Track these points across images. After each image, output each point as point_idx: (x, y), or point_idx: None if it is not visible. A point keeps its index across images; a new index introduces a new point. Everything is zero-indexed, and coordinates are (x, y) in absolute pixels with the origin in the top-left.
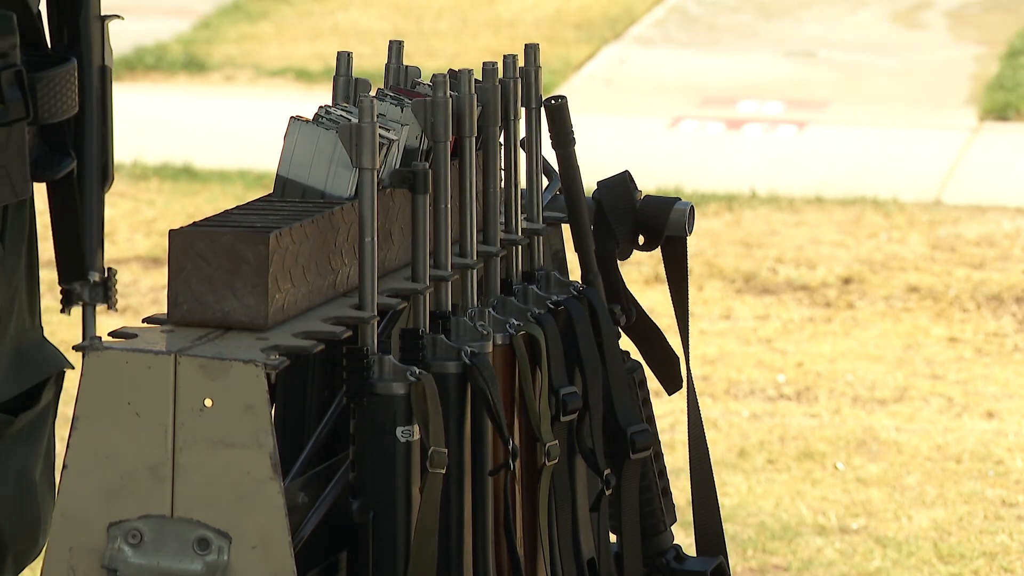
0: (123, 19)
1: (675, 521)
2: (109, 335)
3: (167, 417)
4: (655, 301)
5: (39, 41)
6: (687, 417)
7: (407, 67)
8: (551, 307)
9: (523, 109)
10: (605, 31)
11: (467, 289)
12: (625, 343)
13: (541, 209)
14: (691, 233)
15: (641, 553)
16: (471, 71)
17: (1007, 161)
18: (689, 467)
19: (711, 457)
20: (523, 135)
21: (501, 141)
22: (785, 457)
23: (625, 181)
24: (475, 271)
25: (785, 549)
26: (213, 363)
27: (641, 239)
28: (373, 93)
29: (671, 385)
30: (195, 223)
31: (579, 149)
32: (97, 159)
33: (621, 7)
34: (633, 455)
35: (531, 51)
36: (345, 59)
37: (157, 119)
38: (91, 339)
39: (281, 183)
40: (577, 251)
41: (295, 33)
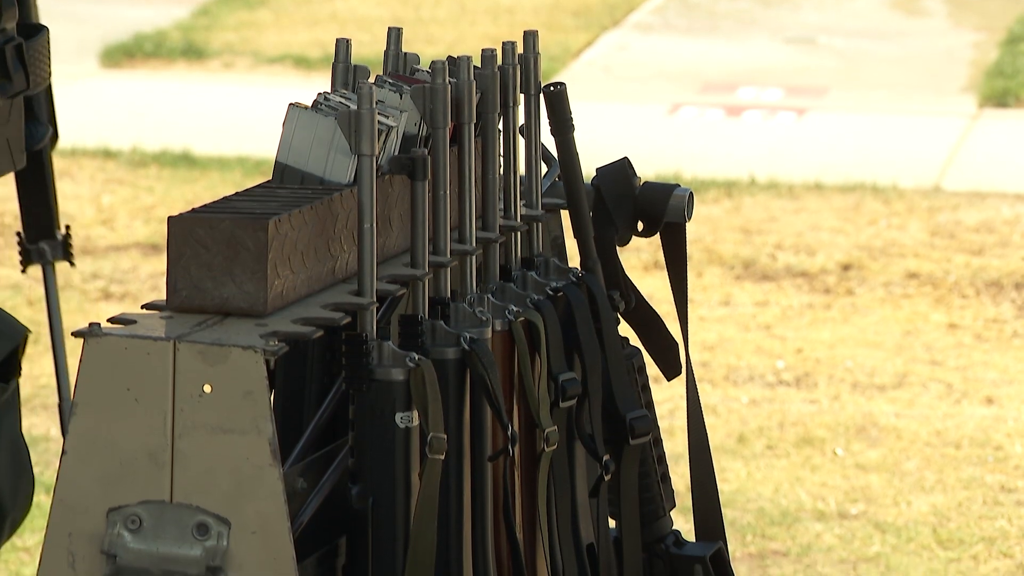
0: None
1: (674, 507)
2: (108, 321)
3: (166, 403)
4: (654, 287)
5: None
6: (686, 403)
7: (406, 54)
8: (550, 293)
9: (522, 96)
10: (604, 18)
11: (466, 275)
12: (624, 329)
13: (540, 195)
14: (690, 219)
15: (640, 538)
16: (470, 58)
17: (1006, 148)
18: (688, 453)
19: (710, 443)
20: (522, 122)
21: (500, 128)
22: (784, 443)
23: (624, 167)
24: (474, 257)
25: (784, 534)
26: (212, 349)
27: (640, 225)
28: (372, 80)
29: (670, 371)
30: (194, 209)
31: (578, 136)
32: (49, 119)
33: None
34: (632, 441)
35: (530, 38)
36: (344, 46)
37: (156, 106)
38: (91, 325)
39: (280, 169)
40: (576, 237)
41: (294, 20)
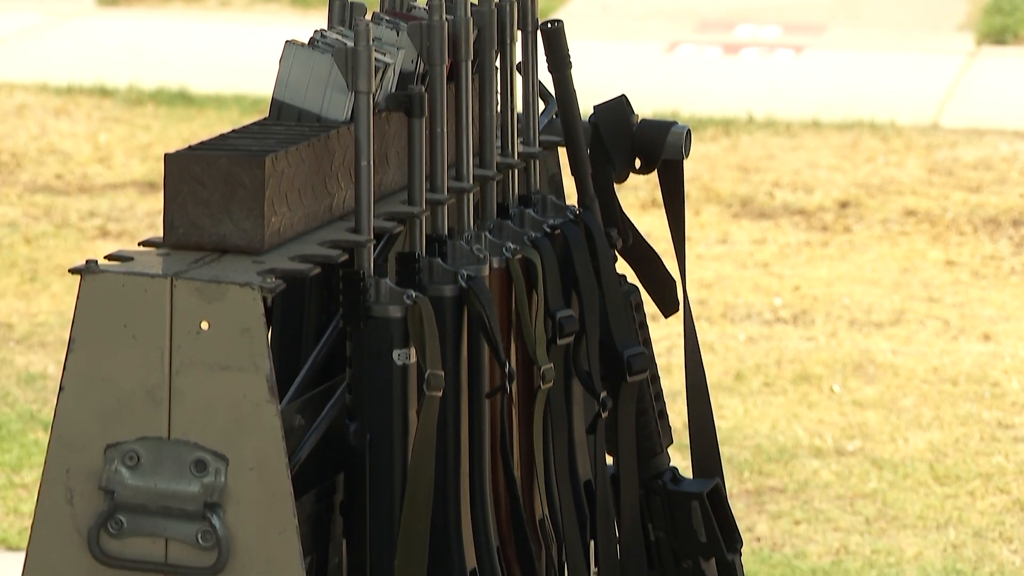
0: None
1: (671, 443)
2: (105, 258)
3: (163, 340)
4: (652, 226)
5: None
6: (683, 341)
7: None
8: (548, 231)
9: (519, 33)
10: None
11: (463, 213)
12: (622, 267)
13: (537, 133)
14: (688, 156)
15: (637, 475)
16: None
17: (1004, 85)
18: (685, 390)
19: (707, 380)
20: (519, 59)
21: (497, 65)
22: (781, 380)
23: (622, 105)
24: (471, 195)
25: (781, 471)
26: (209, 286)
27: (638, 162)
28: (368, 17)
29: (668, 308)
30: (191, 147)
31: (575, 73)
32: None
33: None
34: (630, 378)
35: None
36: None
37: (153, 44)
38: (88, 262)
39: (277, 107)
40: (574, 175)
41: None
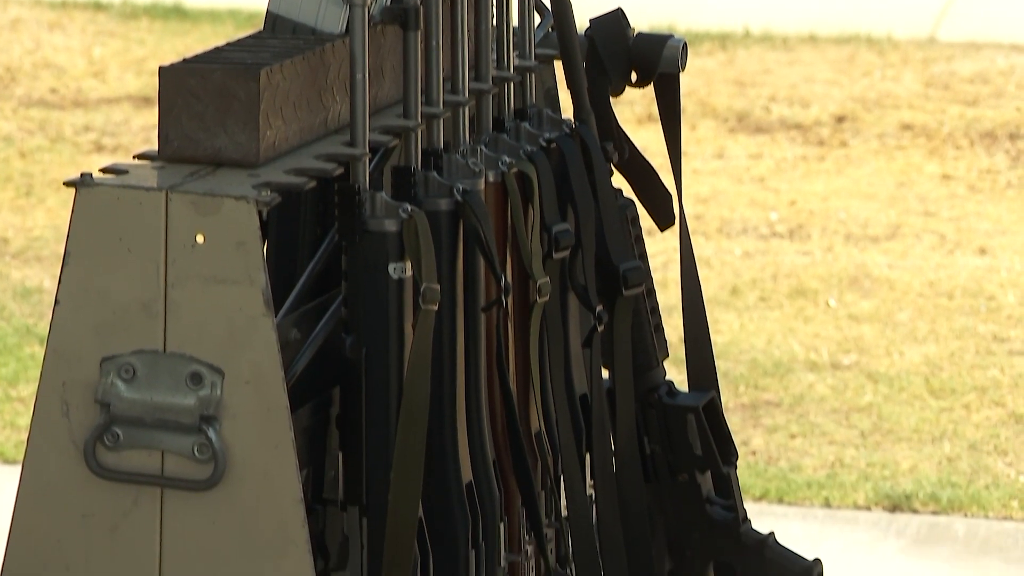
0: None
1: (667, 357)
2: (100, 171)
3: (159, 253)
4: (648, 140)
5: None
6: (679, 255)
7: None
8: (543, 145)
9: None
10: None
11: (459, 126)
12: (618, 181)
13: (533, 46)
14: (684, 69)
15: (633, 388)
16: None
17: None
18: (681, 305)
19: (703, 295)
20: None
21: None
22: (777, 294)
23: (618, 18)
24: (467, 108)
25: (777, 385)
26: (204, 199)
27: (634, 76)
28: None
29: (663, 221)
30: (185, 60)
31: None
32: None
33: None
34: (626, 292)
35: None
36: None
37: None
38: (82, 175)
39: (271, 19)
40: (569, 88)
41: None
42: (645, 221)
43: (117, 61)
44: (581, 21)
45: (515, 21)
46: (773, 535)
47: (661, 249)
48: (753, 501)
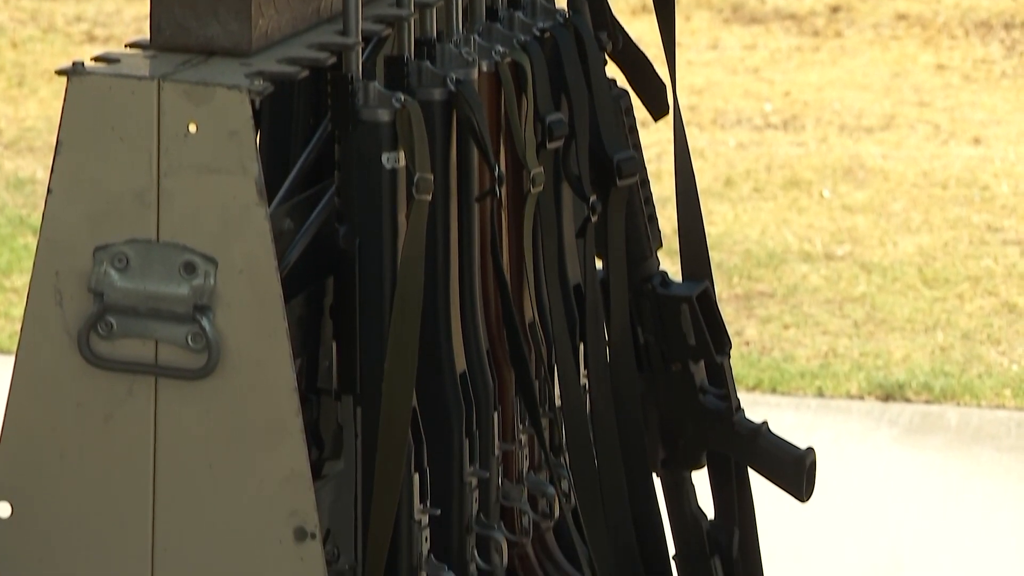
0: None
1: (661, 247)
2: (92, 60)
3: (151, 143)
4: (642, 31)
5: None
6: (673, 146)
7: None
8: (537, 34)
9: None
10: None
11: (452, 15)
12: (612, 71)
13: None
14: None
15: (627, 278)
16: None
17: None
18: (675, 196)
19: (697, 186)
20: None
21: None
22: (771, 185)
23: None
24: None
25: (771, 276)
26: (197, 88)
27: None
28: None
29: (657, 111)
30: None
31: None
32: None
33: None
34: (619, 182)
35: None
36: None
37: None
38: (74, 64)
39: None
40: None
41: None
42: (639, 111)
43: None
44: None
45: None
46: (766, 424)
47: (655, 140)
48: (746, 391)
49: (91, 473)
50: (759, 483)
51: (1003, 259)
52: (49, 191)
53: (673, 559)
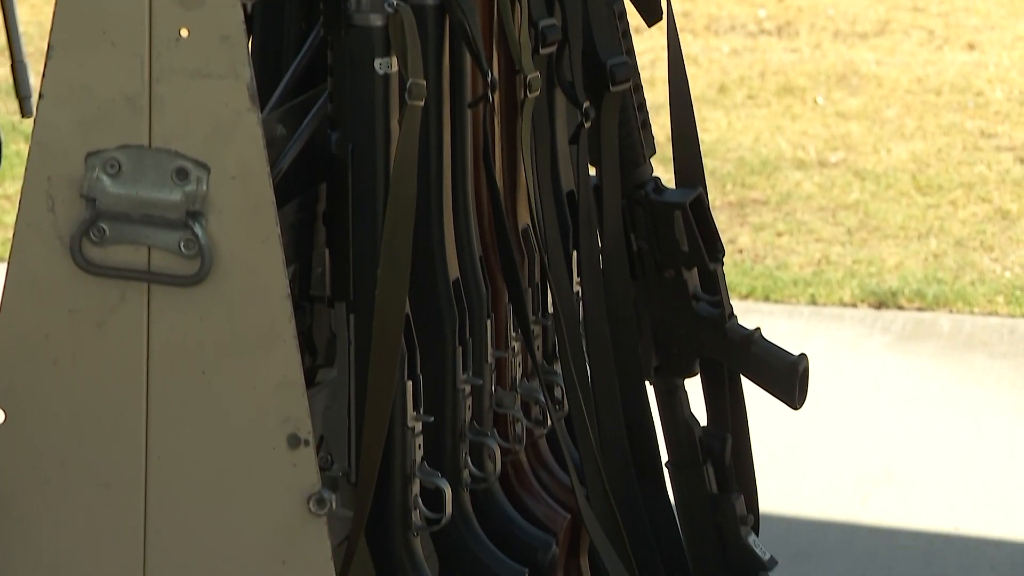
0: None
1: (654, 154)
2: None
3: (143, 47)
4: None
5: None
6: (667, 53)
7: None
8: None
9: None
10: None
11: None
12: None
13: None
14: None
15: (620, 185)
16: None
17: None
18: (669, 103)
19: (691, 93)
20: None
21: None
22: (765, 92)
23: None
24: None
25: (764, 183)
26: None
27: None
28: None
29: (651, 17)
30: None
31: None
32: None
33: None
34: (612, 87)
35: None
36: None
37: None
38: None
39: None
40: None
41: None
42: (632, 17)
43: None
44: None
45: None
46: (759, 331)
47: (648, 47)
48: (740, 299)
49: (84, 380)
50: (752, 390)
51: (996, 165)
52: (41, 96)
53: (666, 466)
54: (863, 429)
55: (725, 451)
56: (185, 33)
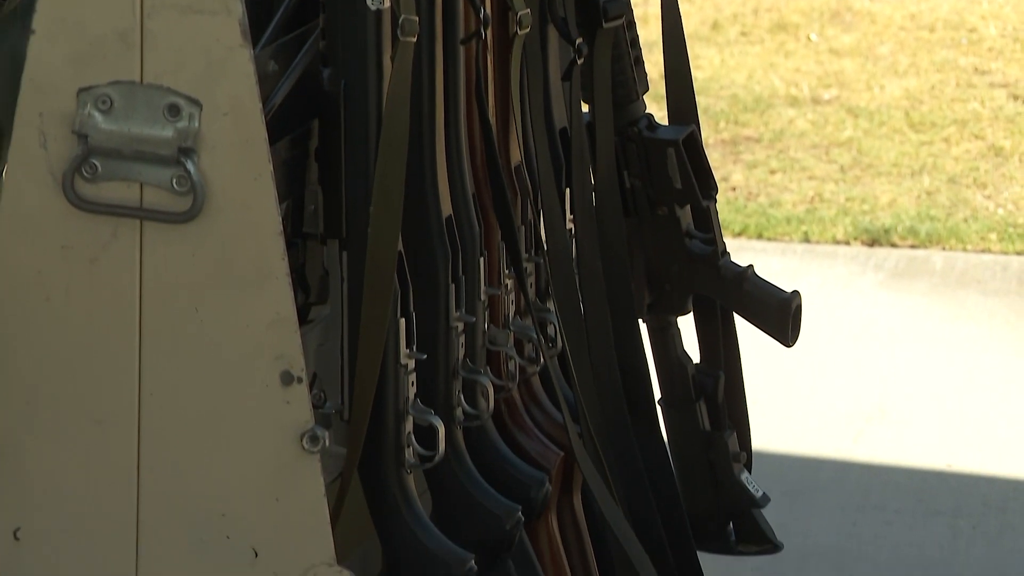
0: None
1: (647, 91)
2: None
3: None
4: None
5: None
6: None
7: None
8: None
9: None
10: None
11: None
12: None
13: None
14: None
15: (613, 122)
16: None
17: None
18: (662, 39)
19: (684, 29)
20: None
21: None
22: (758, 29)
23: None
24: None
25: (757, 120)
26: None
27: None
28: None
29: None
30: None
31: None
32: None
33: None
34: (605, 24)
35: None
36: None
37: None
38: None
39: None
40: None
41: None
42: None
43: None
44: None
45: None
46: (752, 268)
47: None
48: (733, 237)
49: (77, 316)
50: (745, 328)
51: (990, 102)
52: (32, 32)
53: (658, 404)
54: (856, 366)
55: (718, 388)
56: None
